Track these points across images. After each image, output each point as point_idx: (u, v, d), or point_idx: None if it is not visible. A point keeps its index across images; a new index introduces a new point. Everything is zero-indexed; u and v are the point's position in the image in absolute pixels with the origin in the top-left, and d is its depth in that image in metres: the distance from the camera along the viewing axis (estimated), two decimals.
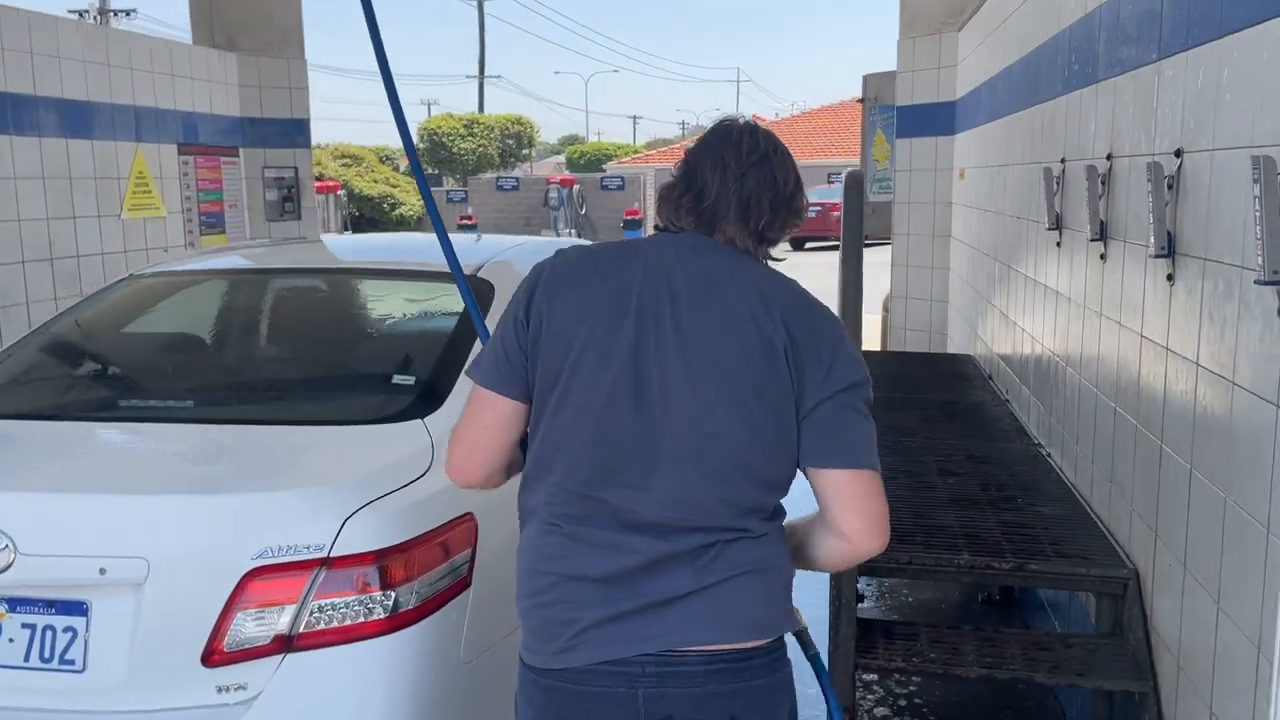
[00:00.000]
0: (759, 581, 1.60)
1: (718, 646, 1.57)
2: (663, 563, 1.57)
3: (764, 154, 1.69)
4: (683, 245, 1.67)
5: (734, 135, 1.71)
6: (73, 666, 2.04)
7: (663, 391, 1.58)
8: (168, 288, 3.31)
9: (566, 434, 1.61)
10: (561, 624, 1.59)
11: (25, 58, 5.40)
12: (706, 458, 1.57)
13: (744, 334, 1.58)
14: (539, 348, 1.63)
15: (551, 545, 1.63)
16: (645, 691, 1.56)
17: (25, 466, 2.31)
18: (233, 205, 7.34)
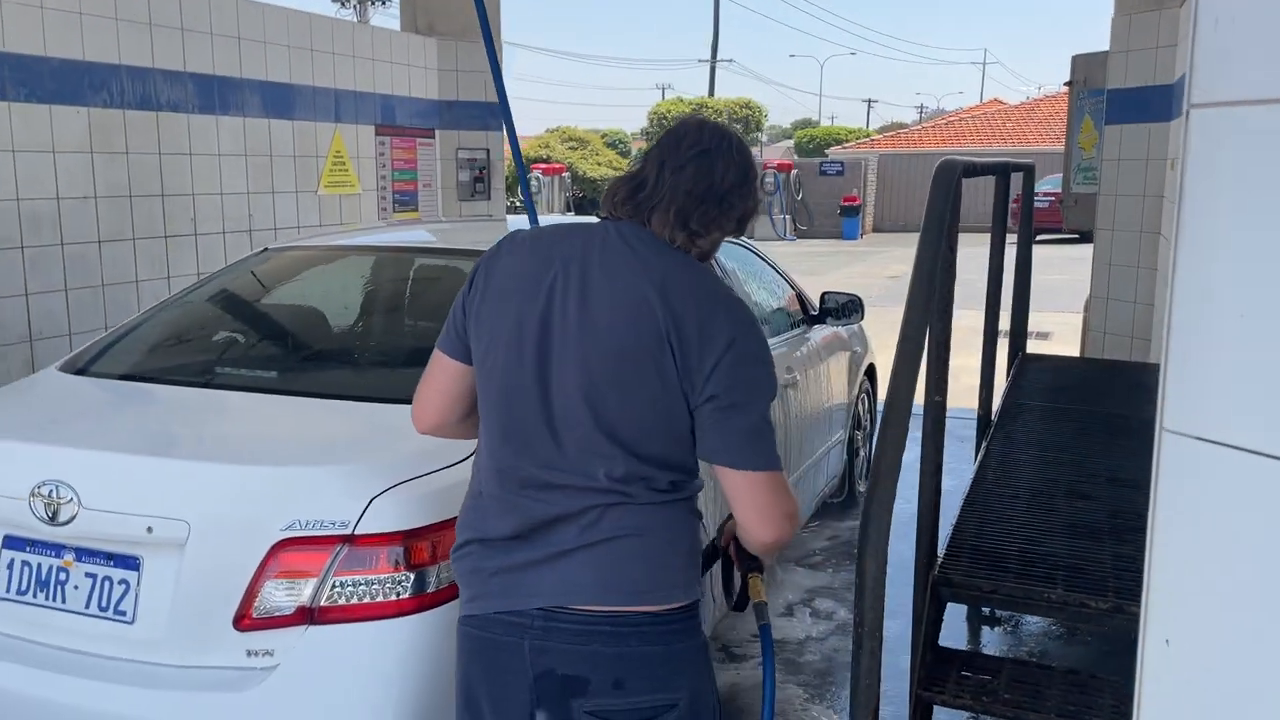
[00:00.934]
0: (639, 547, 1.66)
1: (600, 608, 1.64)
2: (553, 522, 1.67)
3: (704, 149, 1.73)
4: (611, 231, 1.73)
5: (681, 132, 1.77)
6: (124, 618, 2.17)
7: (560, 365, 1.67)
8: (297, 262, 3.47)
9: (486, 400, 1.75)
10: (471, 573, 1.75)
11: (233, 43, 5.83)
12: (588, 428, 1.65)
13: (636, 320, 1.64)
14: (472, 318, 1.76)
15: (472, 507, 1.79)
16: (531, 643, 1.66)
17: (97, 424, 2.49)
18: (426, 185, 7.66)
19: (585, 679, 1.64)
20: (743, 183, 1.75)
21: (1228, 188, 0.69)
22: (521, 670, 1.67)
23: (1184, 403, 0.69)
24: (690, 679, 1.69)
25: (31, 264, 4.71)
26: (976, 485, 3.22)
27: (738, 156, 1.75)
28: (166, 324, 3.02)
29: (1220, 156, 0.68)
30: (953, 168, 2.33)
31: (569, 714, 1.64)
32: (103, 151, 5.04)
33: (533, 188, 24.76)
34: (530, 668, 1.66)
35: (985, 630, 3.95)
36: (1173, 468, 0.70)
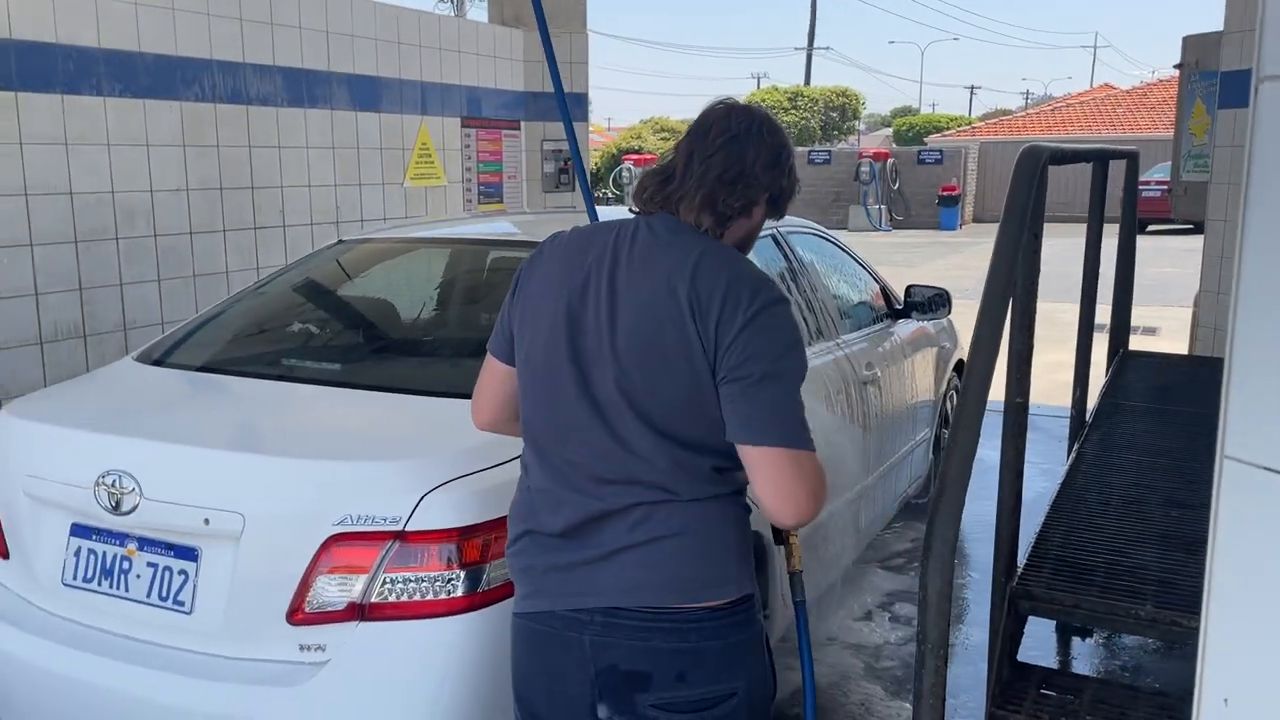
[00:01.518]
0: (690, 545, 1.66)
1: (658, 606, 1.64)
2: (602, 518, 1.68)
3: (733, 135, 1.71)
4: (642, 225, 1.74)
5: (708, 119, 1.76)
6: (183, 608, 2.19)
7: (596, 360, 1.68)
8: (371, 254, 3.48)
9: (528, 399, 1.78)
10: (524, 570, 1.76)
11: (321, 36, 5.91)
12: (628, 420, 1.65)
13: (664, 305, 1.64)
14: (515, 320, 1.80)
15: (522, 501, 1.80)
16: (592, 639, 1.67)
17: (162, 416, 2.52)
18: (511, 176, 7.68)
19: (648, 673, 1.65)
20: (775, 164, 1.73)
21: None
22: (583, 665, 1.68)
23: (1248, 424, 0.59)
24: (748, 668, 1.71)
25: (126, 255, 4.85)
26: (1065, 490, 3.05)
27: (769, 138, 1.73)
28: (239, 316, 3.05)
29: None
30: (1037, 154, 2.19)
31: (633, 707, 1.66)
32: (194, 145, 5.16)
33: (624, 179, 24.77)
34: (592, 663, 1.67)
35: (1076, 643, 3.77)
36: (1235, 499, 0.59)
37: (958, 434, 1.86)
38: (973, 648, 3.67)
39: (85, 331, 4.68)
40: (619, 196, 24.75)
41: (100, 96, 4.67)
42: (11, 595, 2.38)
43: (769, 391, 1.60)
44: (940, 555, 1.74)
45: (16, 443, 2.43)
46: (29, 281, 4.43)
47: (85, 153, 4.62)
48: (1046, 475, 5.12)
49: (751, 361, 1.59)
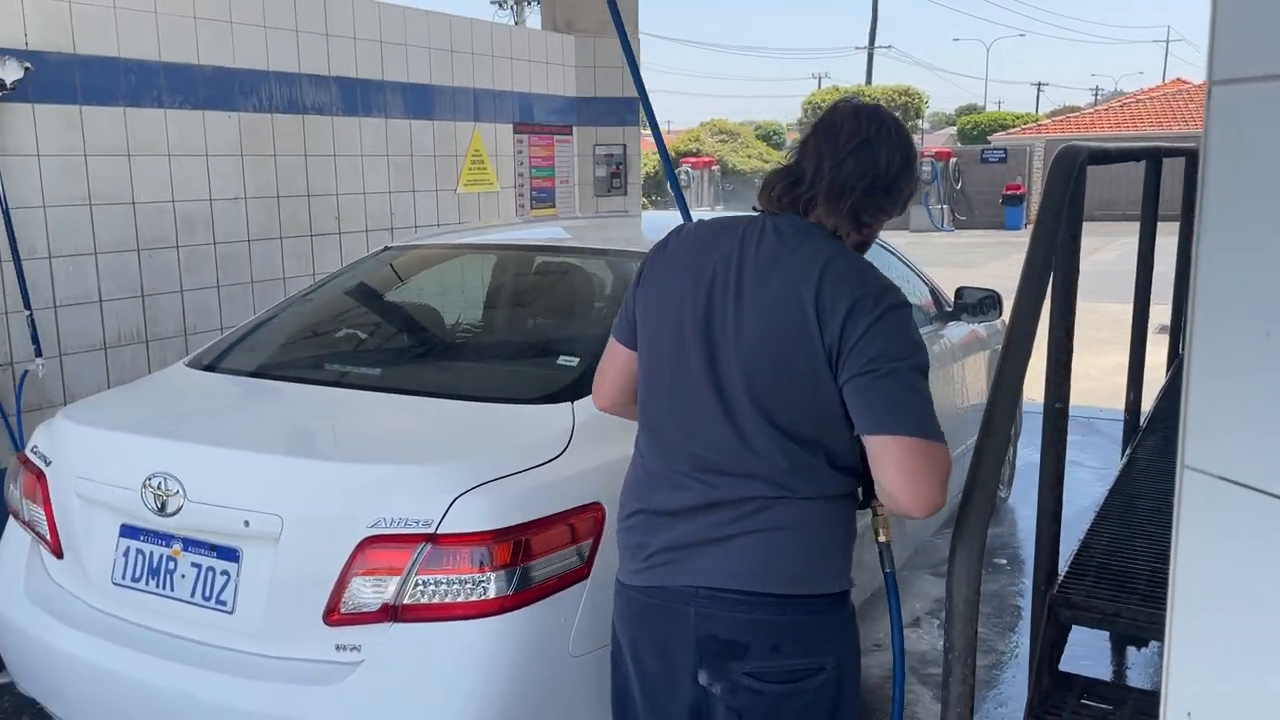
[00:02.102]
0: (798, 540, 1.73)
1: (760, 590, 1.73)
2: (716, 506, 1.75)
3: (865, 139, 1.74)
4: (768, 225, 1.79)
5: (836, 121, 1.78)
6: (225, 608, 2.24)
7: (722, 353, 1.75)
8: (417, 261, 3.53)
9: (650, 386, 1.85)
10: (638, 547, 1.85)
11: (375, 46, 6.01)
12: (749, 414, 1.72)
13: (790, 310, 1.69)
14: (639, 308, 1.88)
15: (637, 480, 1.89)
16: (698, 610, 1.76)
17: (207, 419, 2.58)
18: (563, 181, 7.73)
19: (746, 643, 1.74)
20: (906, 167, 1.78)
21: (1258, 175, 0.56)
22: (686, 633, 1.77)
23: (1206, 434, 0.57)
24: (839, 647, 1.80)
25: (186, 262, 4.98)
26: (1113, 496, 2.99)
27: (898, 140, 1.77)
28: (287, 322, 3.12)
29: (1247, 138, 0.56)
30: (1074, 154, 2.15)
31: (729, 674, 1.75)
32: (252, 154, 5.28)
33: (681, 181, 24.79)
34: (694, 631, 1.76)
35: (1131, 653, 3.68)
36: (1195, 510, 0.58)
37: (985, 439, 1.83)
38: (1024, 655, 3.61)
39: (147, 337, 4.82)
40: None
41: (161, 109, 4.80)
42: (65, 594, 2.46)
43: (897, 382, 1.64)
44: (967, 563, 1.72)
45: (70, 446, 2.51)
46: (93, 288, 4.57)
47: (147, 163, 4.76)
48: (1105, 480, 5.00)
49: (878, 359, 1.64)
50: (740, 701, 1.75)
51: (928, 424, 1.64)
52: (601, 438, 2.34)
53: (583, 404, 2.38)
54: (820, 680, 1.76)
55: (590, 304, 3.16)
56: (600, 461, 2.30)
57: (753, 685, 1.74)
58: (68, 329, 4.48)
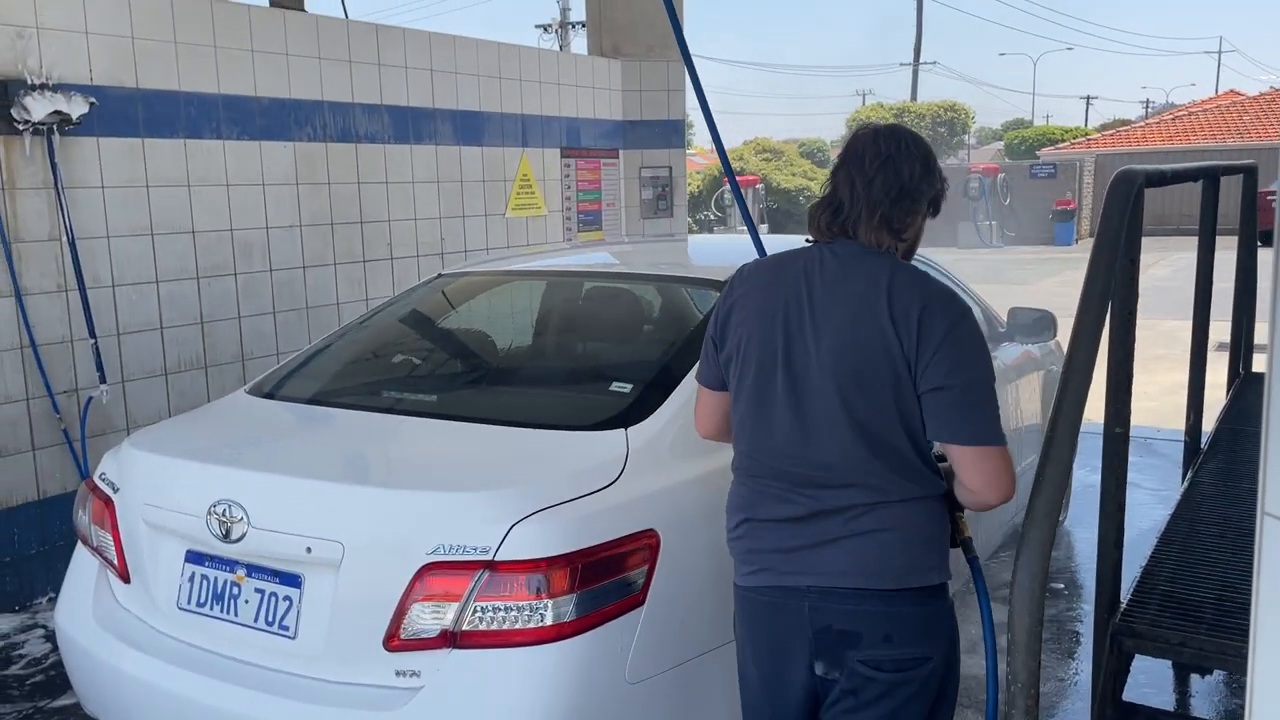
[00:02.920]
0: (899, 539, 1.89)
1: (869, 587, 1.88)
2: (821, 515, 1.91)
3: (887, 156, 1.92)
4: (825, 253, 1.96)
5: (859, 148, 1.96)
6: (287, 633, 2.28)
7: (804, 375, 1.90)
8: (470, 287, 3.57)
9: (743, 411, 2.00)
10: (748, 552, 2.01)
11: (426, 75, 6.11)
12: (837, 427, 1.87)
13: (863, 323, 1.86)
14: (725, 346, 2.03)
15: (741, 495, 2.05)
16: (811, 604, 1.92)
17: (269, 447, 2.63)
18: (610, 204, 7.78)
19: (859, 633, 1.90)
20: (928, 172, 1.96)
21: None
22: (802, 627, 1.93)
23: None
24: (944, 638, 1.96)
25: (244, 289, 5.09)
26: (1176, 521, 2.93)
27: (916, 151, 1.96)
28: (343, 350, 3.18)
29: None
30: (1131, 178, 2.13)
31: (844, 662, 1.91)
32: (307, 183, 5.39)
33: (726, 201, 24.79)
34: (810, 625, 1.92)
35: (1195, 681, 3.60)
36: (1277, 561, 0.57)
37: (1046, 467, 1.82)
38: (1084, 684, 3.54)
39: (206, 363, 4.93)
40: (720, 218, 24.75)
41: (220, 140, 4.92)
42: (132, 618, 2.51)
43: (973, 398, 1.84)
44: (1029, 592, 1.70)
45: (137, 473, 2.57)
46: (155, 316, 4.68)
47: (206, 193, 4.87)
48: (1165, 503, 4.91)
49: (954, 373, 1.82)
50: (856, 685, 1.90)
51: (997, 431, 1.85)
52: (655, 464, 2.36)
53: (636, 430, 2.40)
54: (929, 669, 1.92)
55: (642, 329, 3.18)
56: (654, 488, 2.31)
57: (865, 672, 1.89)
58: (130, 355, 4.59)
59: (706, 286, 3.09)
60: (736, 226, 23.98)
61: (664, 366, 2.67)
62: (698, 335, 2.76)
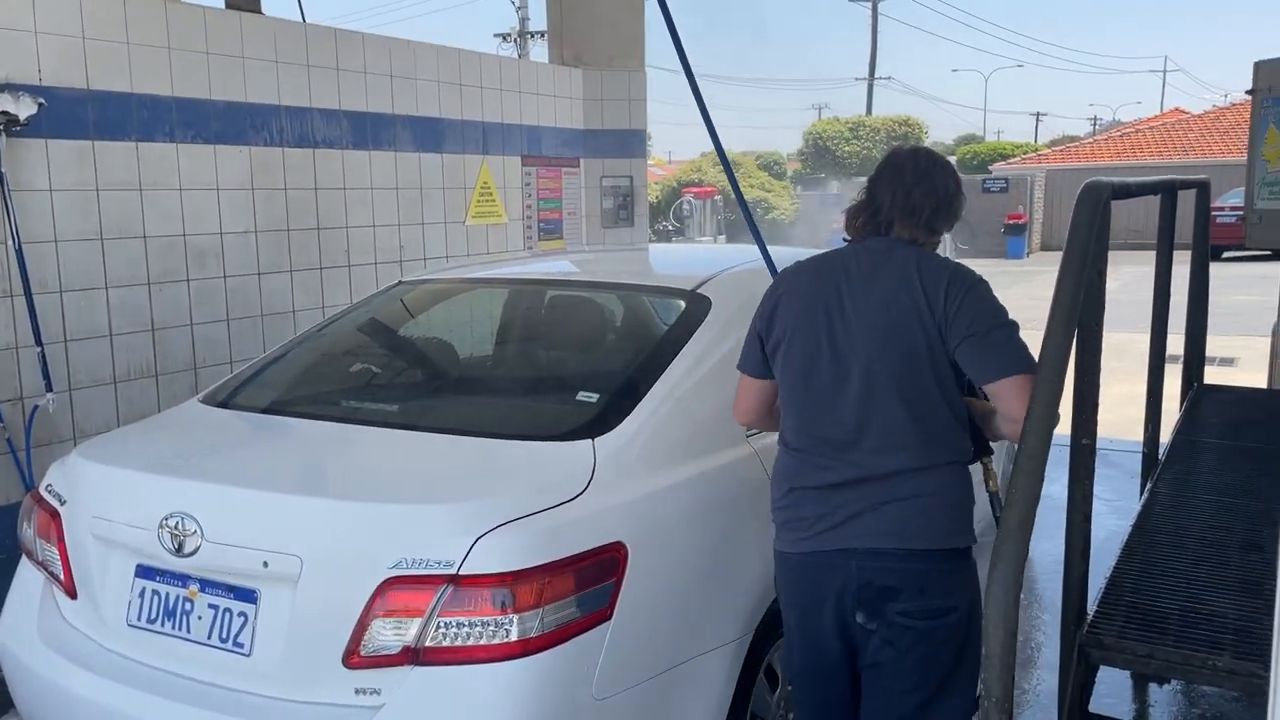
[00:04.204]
0: (934, 505, 2.15)
1: (908, 547, 2.13)
2: (864, 480, 2.16)
3: (925, 171, 2.27)
4: (859, 248, 2.29)
5: (901, 161, 2.30)
6: (242, 650, 2.21)
7: (846, 351, 2.18)
8: (430, 295, 3.52)
9: (790, 389, 2.26)
10: (795, 520, 2.24)
11: (385, 80, 6.04)
12: (878, 396, 2.14)
13: (898, 300, 2.15)
14: (772, 334, 2.28)
15: (787, 465, 2.29)
16: (858, 563, 2.16)
17: (223, 458, 2.55)
18: (571, 213, 7.73)
19: (899, 588, 2.14)
20: (959, 189, 2.32)
21: None
22: (846, 584, 2.16)
23: None
24: (968, 591, 2.21)
25: (197, 296, 4.97)
26: (1137, 532, 2.95)
27: (949, 170, 2.31)
28: (300, 358, 3.10)
29: None
30: (1098, 191, 2.14)
31: (885, 614, 2.15)
32: (262, 188, 5.29)
33: (685, 211, 24.84)
34: (855, 581, 2.16)
35: (1153, 690, 3.63)
36: None
37: (1019, 478, 1.81)
38: (1045, 694, 3.56)
39: (157, 371, 4.81)
40: (678, 228, 24.79)
41: (173, 143, 4.81)
42: (79, 635, 2.43)
43: (1001, 337, 2.11)
44: (1003, 606, 1.69)
45: (85, 484, 2.48)
46: (104, 323, 4.56)
47: (158, 197, 4.76)
48: (1119, 513, 4.96)
49: (979, 321, 2.11)
50: (893, 635, 2.15)
51: (1030, 360, 2.10)
52: (623, 475, 2.32)
53: (604, 441, 2.36)
54: (956, 618, 2.17)
55: (606, 338, 3.14)
56: (622, 500, 2.27)
57: (902, 621, 2.14)
58: (78, 363, 4.47)
59: (671, 295, 3.07)
60: (695, 237, 24.04)
61: (631, 376, 2.63)
62: (665, 344, 2.75)
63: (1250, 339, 10.17)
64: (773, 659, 2.63)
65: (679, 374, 2.57)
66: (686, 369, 2.59)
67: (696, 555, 2.41)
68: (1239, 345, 9.94)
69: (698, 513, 2.45)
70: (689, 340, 2.66)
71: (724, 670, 2.41)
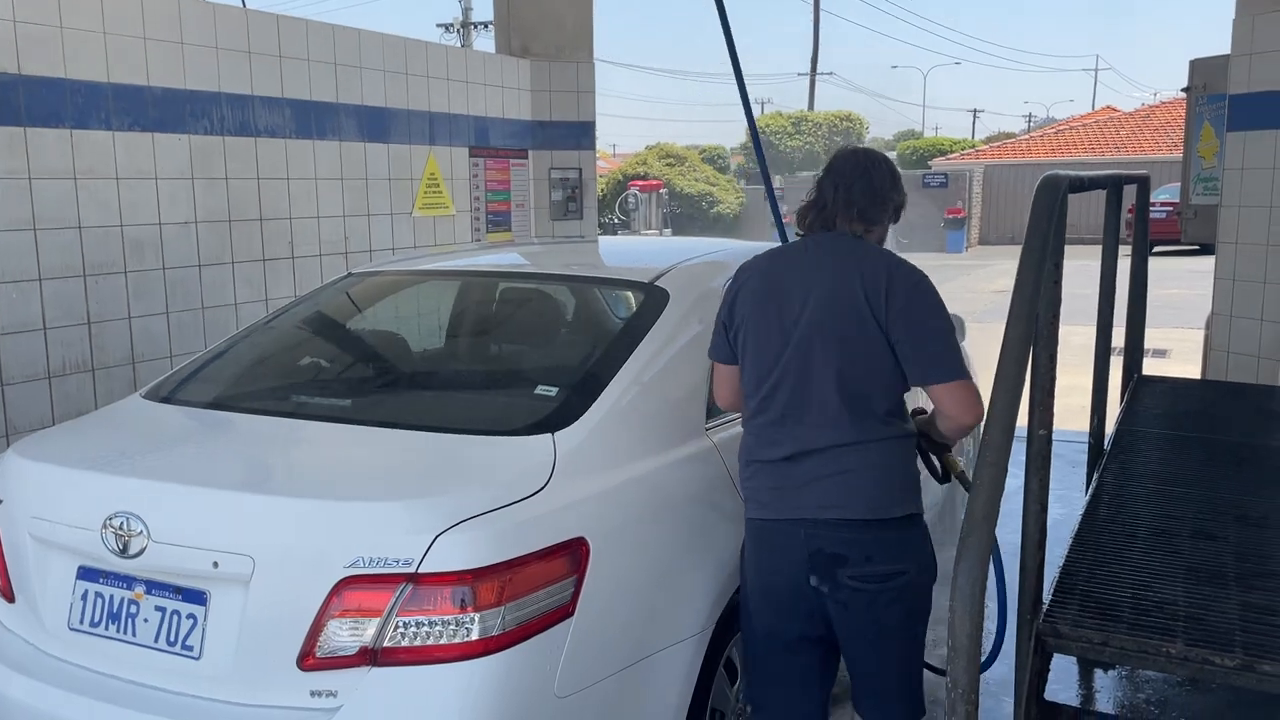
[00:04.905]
0: (876, 477, 2.31)
1: (852, 517, 2.30)
2: (806, 454, 2.33)
3: (864, 168, 2.45)
4: (810, 241, 2.47)
5: (840, 163, 2.49)
6: (191, 653, 2.14)
7: (793, 335, 2.34)
8: (381, 287, 3.45)
9: (749, 372, 2.43)
10: (756, 490, 2.42)
11: (329, 68, 5.92)
12: (824, 378, 2.31)
13: (839, 289, 2.32)
14: (734, 322, 2.45)
15: (747, 442, 2.47)
16: (807, 531, 2.33)
17: (170, 455, 2.48)
18: (519, 205, 7.67)
19: (846, 555, 2.30)
20: (894, 184, 2.47)
21: None
22: (799, 549, 2.33)
23: None
24: (918, 555, 2.37)
25: (135, 288, 4.83)
26: (1088, 522, 2.99)
27: (885, 167, 2.48)
28: (247, 352, 3.02)
29: None
30: (1057, 183, 2.15)
31: (835, 578, 2.31)
32: (203, 177, 5.15)
33: (630, 204, 24.80)
34: (805, 547, 2.32)
35: (1099, 675, 3.70)
36: None
37: (984, 469, 1.81)
38: (996, 683, 3.60)
39: (94, 365, 4.66)
40: (624, 222, 24.76)
41: (109, 130, 4.67)
42: (17, 640, 2.34)
43: (937, 344, 2.28)
44: (969, 596, 1.69)
45: (22, 483, 2.39)
46: (37, 315, 4.41)
47: (94, 187, 4.61)
48: (1063, 502, 5.05)
49: (918, 324, 2.27)
50: (845, 598, 2.31)
51: (961, 368, 2.30)
52: (584, 470, 2.29)
53: (564, 435, 2.33)
54: (904, 581, 2.31)
55: (563, 331, 3.11)
56: (584, 494, 2.25)
57: (852, 584, 2.29)
58: (10, 357, 4.31)
59: (629, 288, 3.05)
60: (640, 230, 24.01)
61: (590, 369, 2.60)
62: (624, 337, 2.72)
63: (1182, 331, 10.44)
64: (732, 652, 2.63)
65: (639, 367, 2.54)
66: (646, 362, 2.57)
67: (658, 550, 2.39)
68: (1172, 338, 10.19)
69: (659, 507, 2.43)
70: (648, 333, 2.64)
71: (685, 664, 2.40)
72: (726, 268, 3.11)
